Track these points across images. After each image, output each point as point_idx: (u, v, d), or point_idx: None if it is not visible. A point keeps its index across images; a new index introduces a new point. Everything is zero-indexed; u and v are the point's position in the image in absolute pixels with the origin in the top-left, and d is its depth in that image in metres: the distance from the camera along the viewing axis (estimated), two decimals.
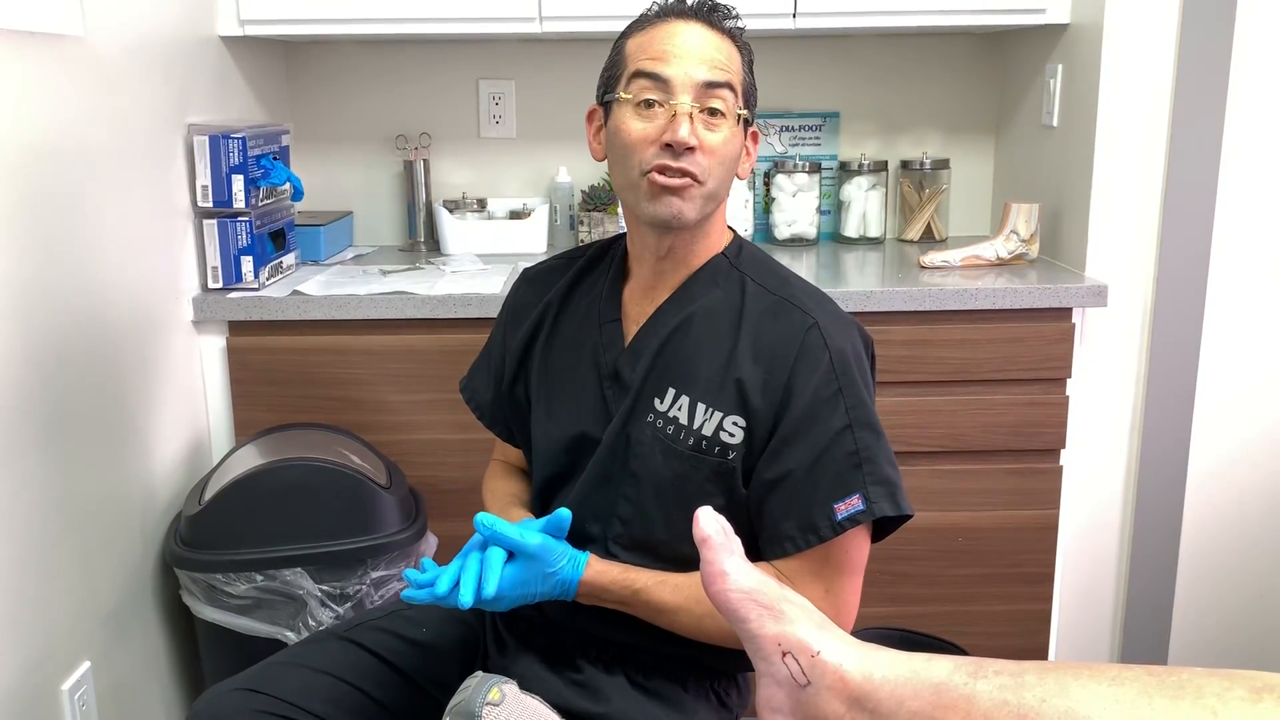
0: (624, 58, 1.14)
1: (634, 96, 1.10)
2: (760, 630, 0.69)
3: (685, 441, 1.14)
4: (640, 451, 1.16)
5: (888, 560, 1.98)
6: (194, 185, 1.84)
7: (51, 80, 1.43)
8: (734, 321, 1.15)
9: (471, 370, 1.42)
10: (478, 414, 1.39)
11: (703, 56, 1.10)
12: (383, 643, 1.25)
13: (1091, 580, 2.13)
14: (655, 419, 1.16)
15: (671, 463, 1.14)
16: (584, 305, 1.27)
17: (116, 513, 1.60)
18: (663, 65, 1.09)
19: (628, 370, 1.19)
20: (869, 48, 2.39)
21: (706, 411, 1.13)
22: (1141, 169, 1.97)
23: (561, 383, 1.25)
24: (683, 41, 1.10)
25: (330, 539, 1.60)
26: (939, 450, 1.94)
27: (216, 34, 1.98)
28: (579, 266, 1.30)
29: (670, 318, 1.18)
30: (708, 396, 1.13)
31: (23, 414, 1.35)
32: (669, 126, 1.08)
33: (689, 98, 1.09)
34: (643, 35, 1.14)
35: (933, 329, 1.89)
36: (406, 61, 2.37)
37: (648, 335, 1.19)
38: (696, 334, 1.16)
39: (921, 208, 2.37)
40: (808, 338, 1.13)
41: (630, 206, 1.15)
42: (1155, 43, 1.92)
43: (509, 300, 1.36)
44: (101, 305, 1.56)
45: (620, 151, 1.12)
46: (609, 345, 1.21)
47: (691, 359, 1.15)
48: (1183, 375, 2.03)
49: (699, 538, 0.74)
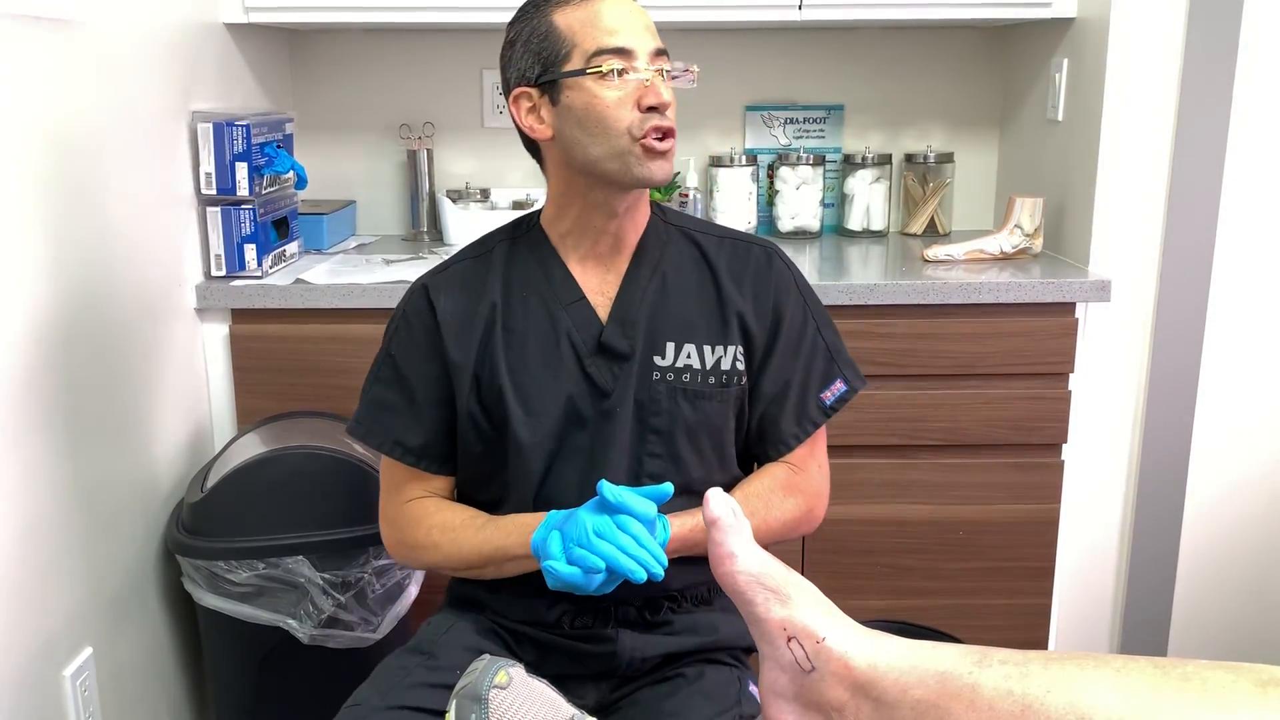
0: (563, 36, 1.16)
1: (608, 68, 1.14)
2: (766, 614, 0.69)
3: (707, 382, 1.23)
4: (660, 408, 1.22)
5: (889, 553, 1.98)
6: (198, 172, 1.84)
7: (53, 66, 1.42)
8: (705, 268, 1.26)
9: (376, 427, 1.26)
10: (411, 462, 1.26)
11: (645, 25, 1.18)
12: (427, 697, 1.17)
13: (1092, 575, 2.13)
14: (664, 374, 1.23)
15: (699, 404, 1.23)
16: (527, 295, 1.24)
17: (119, 499, 1.60)
18: (620, 38, 1.15)
19: (619, 341, 1.22)
20: (873, 41, 2.38)
21: (714, 350, 1.24)
22: (1146, 164, 1.97)
23: (534, 375, 1.22)
24: (624, 13, 1.17)
25: (332, 527, 1.60)
26: (941, 444, 1.94)
27: (221, 21, 1.97)
28: (501, 260, 1.26)
29: (645, 282, 1.24)
30: (713, 338, 1.24)
31: (26, 401, 1.35)
32: (647, 91, 1.15)
33: (648, 64, 1.16)
34: (575, 11, 1.16)
35: (935, 323, 1.88)
36: (411, 50, 2.37)
37: (629, 304, 1.23)
38: (676, 289, 1.25)
39: (925, 201, 2.37)
40: (774, 263, 1.28)
41: (611, 175, 1.17)
42: (1161, 37, 1.92)
43: (433, 319, 1.23)
44: (105, 292, 1.55)
45: (597, 124, 1.15)
46: (584, 324, 1.23)
47: (683, 311, 1.24)
48: (1185, 370, 2.03)
49: (709, 519, 0.74)
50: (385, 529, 1.31)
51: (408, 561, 1.30)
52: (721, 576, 0.72)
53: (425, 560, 1.27)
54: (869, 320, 1.88)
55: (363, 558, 1.61)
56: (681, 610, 1.28)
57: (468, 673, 0.93)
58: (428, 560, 1.27)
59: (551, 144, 1.20)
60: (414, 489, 1.28)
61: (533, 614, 1.25)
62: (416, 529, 1.26)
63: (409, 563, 1.31)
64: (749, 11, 2.02)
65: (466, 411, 1.23)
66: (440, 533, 1.24)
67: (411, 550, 1.27)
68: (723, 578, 0.72)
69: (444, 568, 1.27)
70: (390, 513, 1.30)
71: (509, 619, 1.27)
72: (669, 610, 1.27)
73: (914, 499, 1.96)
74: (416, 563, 1.29)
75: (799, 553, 1.98)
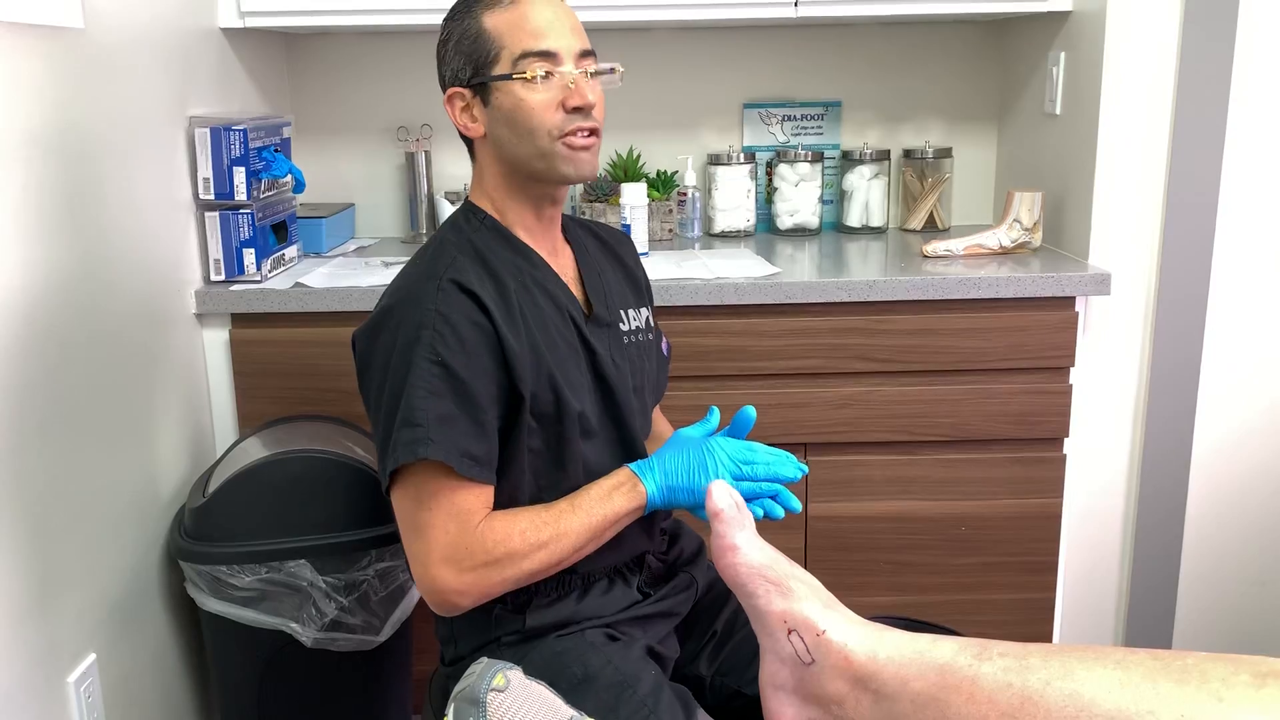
0: (491, 38, 1.20)
1: (528, 72, 1.19)
2: (767, 606, 0.69)
3: (649, 339, 1.39)
4: (636, 368, 1.35)
5: (891, 549, 1.98)
6: (195, 177, 1.84)
7: (52, 72, 1.42)
8: (607, 248, 1.42)
9: (449, 446, 1.15)
10: (476, 474, 1.17)
11: (571, 27, 1.23)
12: None
13: (1095, 568, 2.13)
14: (628, 337, 1.35)
15: (652, 360, 1.39)
16: (523, 280, 1.25)
17: (121, 505, 1.60)
18: (547, 41, 1.19)
19: (605, 311, 1.33)
20: (871, 37, 2.38)
21: (643, 312, 1.39)
22: (1144, 156, 1.97)
23: (562, 352, 1.26)
24: (551, 16, 1.21)
25: (334, 531, 1.60)
26: (942, 439, 1.93)
27: (217, 25, 1.97)
28: (486, 251, 1.25)
29: (589, 261, 1.36)
30: (639, 301, 1.40)
31: (27, 406, 1.35)
32: (571, 93, 1.20)
33: (574, 65, 1.21)
34: (503, 14, 1.21)
35: (935, 318, 1.88)
36: (408, 53, 2.37)
37: (591, 279, 1.34)
38: (604, 266, 1.38)
39: (924, 197, 2.37)
40: (624, 236, 1.48)
41: (539, 173, 1.23)
42: (1158, 30, 1.92)
43: (482, 312, 1.19)
44: (104, 298, 1.56)
45: (523, 125, 1.21)
46: (571, 301, 1.30)
47: (617, 283, 1.38)
48: (1186, 363, 2.03)
49: (712, 511, 0.74)
50: (457, 569, 1.16)
51: (497, 589, 1.19)
52: (724, 568, 0.72)
53: (529, 570, 1.18)
54: (869, 316, 1.88)
55: (365, 560, 1.61)
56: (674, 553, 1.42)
57: (465, 675, 0.93)
58: (533, 568, 1.18)
59: (485, 141, 1.26)
60: (479, 508, 1.18)
61: (627, 599, 1.32)
62: (510, 542, 1.17)
63: (498, 589, 1.19)
64: (745, 9, 2.02)
65: (532, 402, 1.20)
66: (538, 531, 1.18)
67: (509, 567, 1.17)
68: (725, 569, 0.72)
69: (547, 567, 1.19)
70: (466, 544, 1.16)
71: (604, 617, 1.28)
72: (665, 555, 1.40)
73: (916, 495, 1.96)
74: (511, 582, 1.18)
75: (801, 549, 1.97)
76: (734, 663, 1.34)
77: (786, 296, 1.86)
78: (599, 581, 1.31)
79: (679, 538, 1.43)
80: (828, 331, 1.88)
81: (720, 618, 1.37)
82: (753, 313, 1.87)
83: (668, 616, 1.34)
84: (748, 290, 1.86)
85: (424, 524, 1.17)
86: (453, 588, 1.16)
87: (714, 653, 1.36)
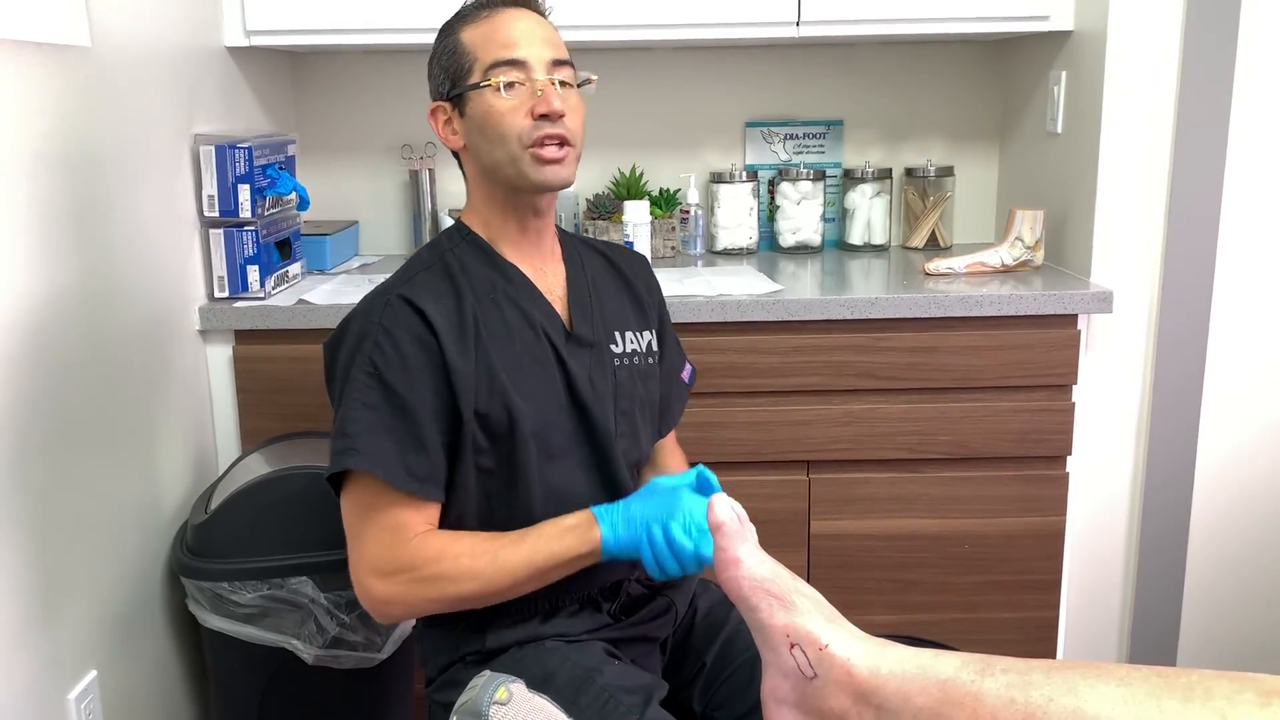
0: (467, 51, 1.24)
1: (495, 82, 1.21)
2: (770, 620, 0.69)
3: (648, 363, 1.36)
4: (625, 391, 1.32)
5: (893, 567, 1.97)
6: (200, 195, 1.85)
7: (59, 91, 1.43)
8: (613, 268, 1.40)
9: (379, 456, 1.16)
10: (415, 489, 1.17)
11: (544, 38, 1.24)
12: None
13: (1098, 587, 2.12)
14: (620, 359, 1.33)
15: (649, 384, 1.37)
16: (495, 298, 1.26)
17: (123, 521, 1.60)
18: (516, 51, 1.22)
19: (587, 331, 1.31)
20: (872, 56, 2.39)
21: (644, 335, 1.37)
22: (1146, 175, 1.97)
23: (527, 372, 1.25)
24: (524, 28, 1.23)
25: (336, 548, 1.60)
26: (945, 457, 1.93)
27: (223, 44, 1.99)
28: (457, 268, 1.26)
29: (581, 279, 1.34)
30: (641, 324, 1.37)
31: (30, 422, 1.36)
32: (539, 100, 1.20)
33: (544, 74, 1.22)
34: (478, 28, 1.24)
35: (938, 336, 1.88)
36: (411, 72, 2.38)
37: (578, 297, 1.32)
38: (604, 286, 1.36)
39: (926, 215, 2.37)
40: (648, 265, 1.46)
41: (511, 180, 1.24)
42: (1159, 49, 1.93)
43: (427, 329, 1.19)
44: (108, 314, 1.56)
45: (493, 132, 1.22)
46: (550, 319, 1.28)
47: (616, 304, 1.36)
48: (1188, 381, 2.03)
49: (713, 524, 0.74)
50: (385, 581, 1.17)
51: (424, 607, 1.19)
52: (726, 582, 0.72)
53: (456, 594, 1.17)
54: (871, 334, 1.88)
55: None
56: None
57: (468, 689, 0.93)
58: (461, 593, 1.17)
59: (465, 153, 1.28)
60: (418, 523, 1.19)
61: (597, 622, 1.28)
62: (442, 564, 1.16)
63: (426, 608, 1.20)
64: (748, 29, 2.03)
65: (472, 420, 1.20)
66: (474, 559, 1.16)
67: (436, 587, 1.16)
68: (727, 583, 0.72)
69: (478, 597, 1.18)
70: (396, 557, 1.17)
71: (568, 636, 1.27)
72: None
73: (919, 513, 1.96)
74: (440, 603, 1.18)
75: (804, 567, 1.97)
76: (726, 696, 1.31)
77: (789, 314, 1.86)
78: (566, 606, 1.28)
79: None
80: (830, 349, 1.88)
81: (711, 650, 1.34)
82: (755, 330, 1.88)
83: (642, 641, 1.31)
84: (750, 307, 1.86)
85: (359, 532, 1.20)
86: (380, 597, 1.19)
87: (705, 686, 1.33)
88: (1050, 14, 2.02)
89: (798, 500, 1.95)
